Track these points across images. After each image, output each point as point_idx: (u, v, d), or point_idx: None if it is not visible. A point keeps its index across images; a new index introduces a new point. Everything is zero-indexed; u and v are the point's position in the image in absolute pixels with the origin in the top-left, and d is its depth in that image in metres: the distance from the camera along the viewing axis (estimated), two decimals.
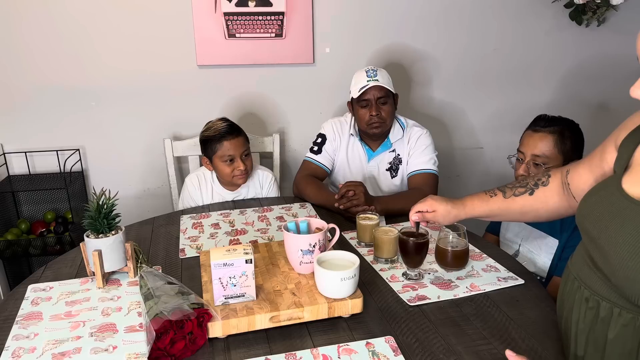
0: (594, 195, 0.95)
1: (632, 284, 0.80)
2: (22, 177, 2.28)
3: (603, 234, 0.87)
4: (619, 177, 0.90)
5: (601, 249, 0.87)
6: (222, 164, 1.85)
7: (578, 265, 0.95)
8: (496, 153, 2.66)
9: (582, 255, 0.94)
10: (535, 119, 1.62)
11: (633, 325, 0.83)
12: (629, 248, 0.81)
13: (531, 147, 1.56)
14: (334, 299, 1.10)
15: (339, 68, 2.39)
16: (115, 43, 2.22)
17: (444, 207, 1.29)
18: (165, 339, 0.97)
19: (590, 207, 0.93)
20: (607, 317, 0.87)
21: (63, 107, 2.27)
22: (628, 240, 0.81)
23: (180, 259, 1.43)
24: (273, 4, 2.26)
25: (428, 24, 2.43)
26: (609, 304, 0.86)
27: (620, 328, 0.85)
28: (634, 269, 0.79)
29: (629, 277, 0.81)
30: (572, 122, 1.59)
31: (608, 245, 0.85)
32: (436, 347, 1.03)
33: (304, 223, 1.28)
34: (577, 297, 0.93)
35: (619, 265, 0.82)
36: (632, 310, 0.83)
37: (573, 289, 0.94)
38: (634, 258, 0.80)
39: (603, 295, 0.87)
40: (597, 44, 2.58)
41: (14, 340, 1.06)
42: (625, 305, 0.84)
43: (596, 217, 0.90)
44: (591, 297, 0.89)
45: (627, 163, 0.91)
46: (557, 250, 1.52)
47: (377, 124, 1.87)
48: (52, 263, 1.43)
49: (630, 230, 0.82)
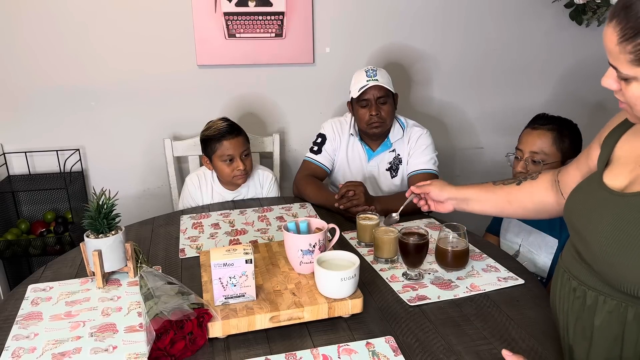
0: (579, 191, 1.00)
1: (613, 270, 0.85)
2: (22, 177, 2.28)
3: (586, 225, 0.92)
4: (601, 172, 0.95)
5: (584, 240, 0.91)
6: (222, 164, 1.85)
7: (566, 259, 0.99)
8: (496, 153, 2.66)
9: (570, 248, 0.99)
10: (534, 117, 1.63)
11: (617, 312, 0.87)
12: (608, 235, 0.85)
13: (530, 144, 1.57)
14: (334, 299, 1.10)
15: (339, 68, 2.39)
16: (115, 43, 2.22)
17: (440, 182, 1.38)
18: (165, 339, 0.97)
19: (576, 202, 0.99)
20: (593, 305, 0.90)
21: (63, 107, 2.27)
22: (607, 228, 0.86)
23: (180, 259, 1.43)
24: (273, 4, 2.26)
25: (428, 24, 2.43)
26: (595, 292, 0.90)
27: (606, 315, 0.88)
28: (614, 255, 0.84)
29: (609, 262, 0.85)
30: (570, 122, 1.61)
31: (590, 236, 0.90)
32: (436, 347, 1.03)
33: (304, 223, 1.28)
34: (567, 289, 0.96)
35: (600, 253, 0.86)
36: (616, 297, 0.86)
37: (563, 281, 0.98)
38: (612, 245, 0.84)
39: (589, 285, 0.91)
40: (597, 44, 2.58)
41: (13, 340, 1.06)
42: (609, 293, 0.87)
43: (580, 211, 0.95)
44: (578, 287, 0.93)
45: (607, 158, 0.97)
46: (557, 250, 1.52)
47: (377, 123, 1.87)
48: (52, 263, 1.43)
49: (609, 219, 0.87)
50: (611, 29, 0.80)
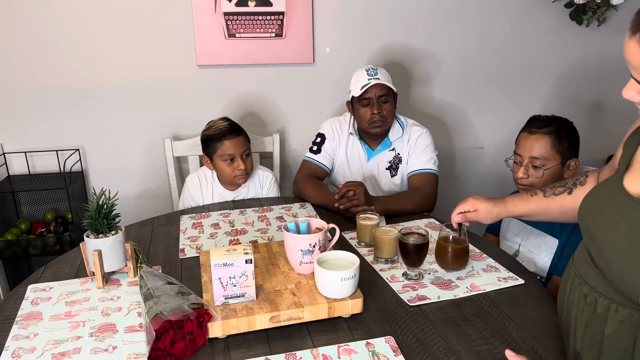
0: (596, 192, 0.96)
1: (627, 279, 0.81)
2: (22, 177, 2.28)
3: (601, 230, 0.88)
4: (621, 175, 0.91)
5: (598, 245, 0.88)
6: (223, 163, 1.85)
7: (579, 262, 0.96)
8: (496, 153, 2.66)
9: (583, 252, 0.96)
10: (529, 119, 1.61)
11: (630, 321, 0.84)
12: (624, 244, 0.82)
13: (528, 150, 1.56)
14: (334, 299, 1.10)
15: (339, 68, 2.38)
16: (115, 43, 2.22)
17: (486, 206, 1.27)
18: (165, 339, 0.97)
19: (592, 204, 0.95)
20: (604, 313, 0.88)
21: (63, 107, 2.26)
22: (623, 236, 0.83)
23: (180, 259, 1.43)
24: (273, 4, 2.25)
25: (428, 24, 2.43)
26: (606, 300, 0.87)
27: (617, 324, 0.86)
28: (628, 264, 0.80)
29: (623, 272, 0.82)
30: (566, 121, 1.59)
31: (604, 241, 0.86)
32: (436, 347, 1.03)
33: (304, 223, 1.27)
34: (577, 294, 0.94)
35: (614, 261, 0.83)
36: (629, 306, 0.84)
37: (574, 286, 0.95)
38: (627, 254, 0.81)
39: (600, 292, 0.88)
40: (597, 44, 2.58)
41: (13, 340, 1.06)
42: (622, 302, 0.85)
43: (596, 214, 0.91)
44: (589, 294, 0.90)
45: (629, 161, 0.93)
46: (557, 250, 1.52)
47: (379, 122, 1.87)
48: (52, 263, 1.43)
49: (626, 227, 0.83)
50: (635, 42, 0.76)
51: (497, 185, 2.69)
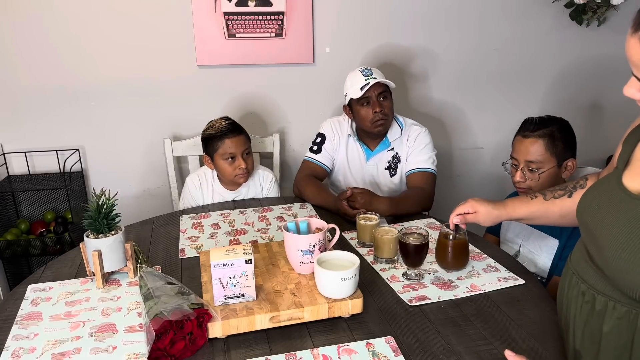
0: (595, 189, 0.96)
1: (625, 276, 0.82)
2: (22, 177, 2.28)
3: (599, 226, 0.89)
4: (620, 172, 0.92)
5: (597, 242, 0.88)
6: (224, 162, 1.85)
7: (576, 260, 0.96)
8: (496, 153, 2.66)
9: (581, 249, 0.96)
10: (523, 122, 1.59)
11: (627, 319, 0.84)
12: (622, 240, 0.82)
13: (523, 154, 1.55)
14: (334, 299, 1.10)
15: (339, 68, 2.38)
16: (115, 43, 2.22)
17: (486, 208, 1.27)
18: (165, 339, 0.97)
19: (590, 200, 0.95)
20: (602, 311, 0.88)
21: (63, 107, 2.26)
22: (622, 232, 0.83)
23: (180, 259, 1.43)
24: (273, 4, 2.26)
25: (428, 24, 2.43)
26: (604, 298, 0.87)
27: (615, 321, 0.86)
28: (627, 261, 0.81)
29: (621, 268, 0.82)
30: (561, 121, 1.57)
31: (603, 238, 0.87)
32: (436, 347, 1.03)
33: (304, 223, 1.27)
34: (575, 292, 0.94)
35: (612, 257, 0.83)
36: (627, 303, 0.84)
37: (572, 284, 0.95)
38: (626, 250, 0.81)
39: (598, 289, 0.88)
40: (597, 44, 2.58)
41: (13, 340, 1.06)
42: (620, 299, 0.85)
43: (594, 210, 0.92)
44: (587, 291, 0.91)
45: (628, 158, 0.93)
46: (558, 251, 1.52)
47: (382, 120, 1.87)
48: (51, 263, 1.43)
49: (624, 223, 0.83)
50: (636, 39, 0.76)
51: (496, 186, 2.69)
